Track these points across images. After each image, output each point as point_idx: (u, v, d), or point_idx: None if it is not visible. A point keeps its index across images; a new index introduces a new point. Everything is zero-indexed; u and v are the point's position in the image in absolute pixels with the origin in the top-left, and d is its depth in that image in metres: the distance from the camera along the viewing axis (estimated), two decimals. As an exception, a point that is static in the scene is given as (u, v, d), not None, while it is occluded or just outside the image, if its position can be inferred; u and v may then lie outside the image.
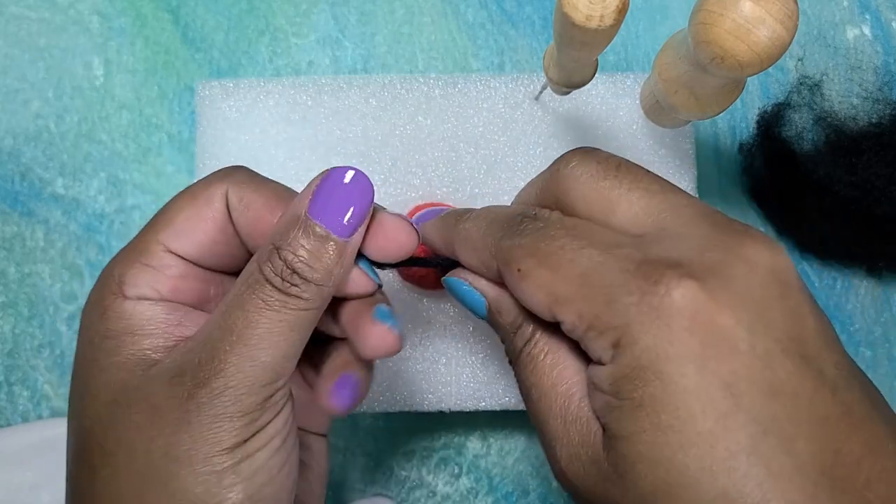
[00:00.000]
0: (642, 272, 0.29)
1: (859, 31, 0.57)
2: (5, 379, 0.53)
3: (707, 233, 0.31)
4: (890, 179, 0.51)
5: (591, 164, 0.34)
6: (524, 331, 0.36)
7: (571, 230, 0.32)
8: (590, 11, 0.33)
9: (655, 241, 0.31)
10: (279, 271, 0.33)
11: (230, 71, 0.56)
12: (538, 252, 0.32)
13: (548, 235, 0.33)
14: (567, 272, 0.31)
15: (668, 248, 0.30)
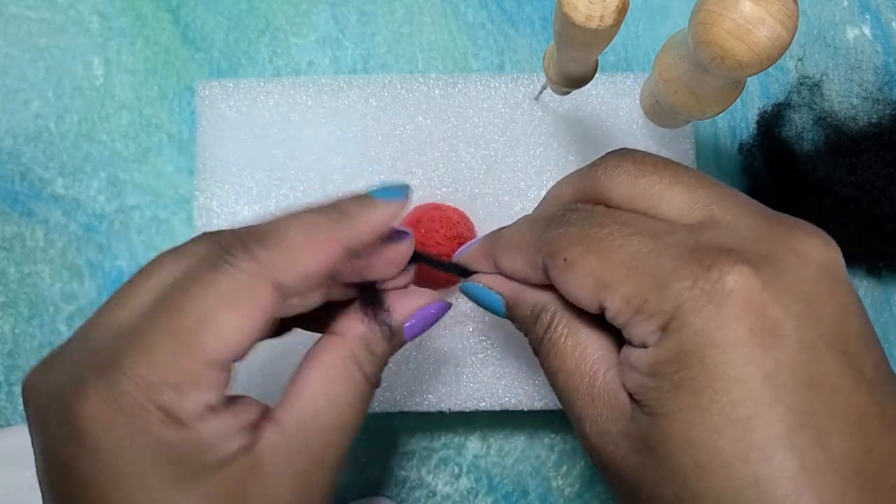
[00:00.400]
0: (696, 257, 0.29)
1: (859, 31, 0.57)
2: (5, 379, 0.53)
3: (759, 223, 0.31)
4: (890, 179, 0.51)
5: (627, 163, 0.35)
6: (543, 318, 0.36)
7: (619, 218, 0.33)
8: (590, 11, 0.33)
9: (707, 229, 0.31)
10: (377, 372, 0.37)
11: (230, 71, 0.56)
12: (586, 239, 0.32)
13: (596, 223, 0.33)
14: (616, 258, 0.31)
15: (720, 236, 0.30)
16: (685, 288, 0.29)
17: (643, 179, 0.33)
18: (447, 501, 0.53)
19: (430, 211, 0.50)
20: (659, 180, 0.33)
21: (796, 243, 0.30)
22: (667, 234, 0.31)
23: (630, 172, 0.34)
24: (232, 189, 0.52)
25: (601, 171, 0.35)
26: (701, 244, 0.30)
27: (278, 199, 0.52)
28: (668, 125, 0.47)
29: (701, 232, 0.31)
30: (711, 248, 0.30)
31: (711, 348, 0.28)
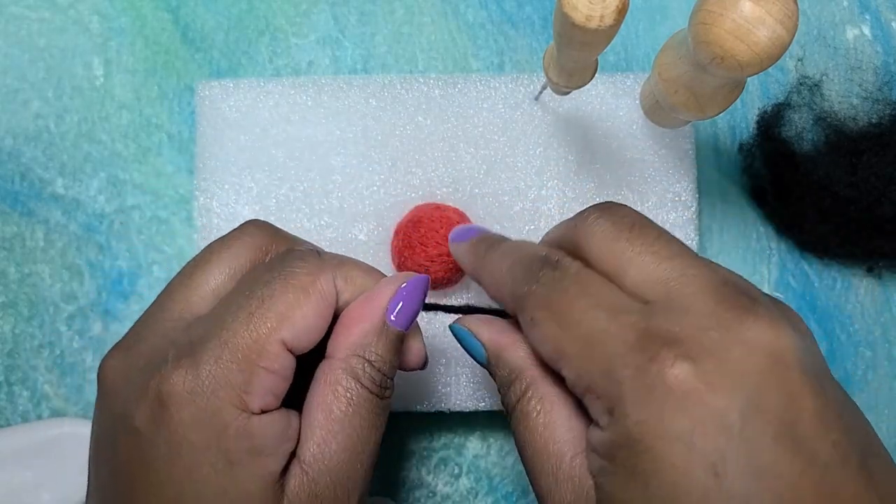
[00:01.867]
0: (641, 345, 0.30)
1: (859, 31, 0.57)
2: (5, 379, 0.53)
3: (710, 309, 0.30)
4: (890, 179, 0.51)
5: (607, 223, 0.35)
6: (517, 387, 0.37)
7: (585, 286, 0.33)
8: (590, 11, 0.33)
9: (660, 311, 0.31)
10: (378, 381, 0.36)
11: (230, 71, 0.56)
12: (550, 305, 0.33)
13: (561, 289, 0.33)
14: (573, 332, 0.32)
15: (669, 321, 0.30)
16: (628, 377, 0.30)
17: (617, 244, 0.34)
18: (447, 502, 0.53)
19: (430, 211, 0.50)
20: (630, 247, 0.33)
21: (744, 331, 0.30)
22: (623, 313, 0.31)
23: (606, 232, 0.34)
24: (232, 189, 0.52)
25: (581, 224, 0.35)
26: (650, 329, 0.30)
27: (278, 199, 0.52)
28: (668, 125, 0.47)
29: (653, 314, 0.31)
30: (658, 336, 0.30)
31: (655, 439, 0.29)
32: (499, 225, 0.52)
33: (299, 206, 0.52)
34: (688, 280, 0.32)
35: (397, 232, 0.51)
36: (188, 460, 0.33)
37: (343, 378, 0.36)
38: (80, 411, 0.53)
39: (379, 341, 0.37)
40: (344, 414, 0.35)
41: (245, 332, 0.34)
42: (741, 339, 0.30)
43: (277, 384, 0.34)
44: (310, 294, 0.36)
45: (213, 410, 0.33)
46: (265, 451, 0.34)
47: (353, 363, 0.36)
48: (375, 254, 0.52)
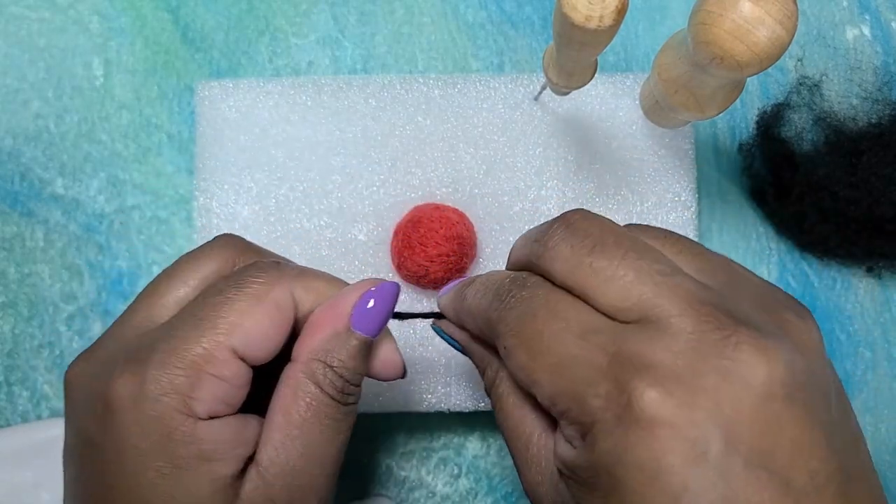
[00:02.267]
0: (612, 372, 0.29)
1: (859, 32, 0.57)
2: (5, 379, 0.53)
3: (688, 332, 0.29)
4: (890, 179, 0.51)
5: (566, 247, 0.33)
6: (489, 373, 0.38)
7: (553, 309, 0.32)
8: (589, 12, 0.33)
9: (633, 331, 0.30)
10: (340, 387, 0.36)
11: (230, 71, 0.56)
12: (521, 332, 0.32)
13: (529, 314, 0.32)
14: (543, 360, 0.31)
15: (642, 343, 0.29)
16: (598, 407, 0.29)
17: (580, 270, 0.32)
18: (447, 502, 0.53)
19: (429, 211, 0.50)
20: (594, 274, 0.31)
21: (722, 359, 0.28)
22: (593, 334, 0.30)
23: (567, 259, 0.32)
24: (232, 189, 0.52)
25: (542, 250, 0.33)
26: (622, 353, 0.29)
27: (278, 199, 0.52)
28: (667, 125, 0.47)
29: (627, 336, 0.30)
30: (629, 361, 0.29)
31: (621, 468, 0.28)
32: (499, 225, 0.52)
33: (299, 206, 0.52)
34: (660, 301, 0.30)
35: (397, 232, 0.51)
36: (134, 466, 0.33)
37: (303, 382, 0.36)
38: (80, 411, 0.53)
39: (342, 347, 0.36)
40: (303, 418, 0.35)
41: (194, 338, 0.34)
42: (718, 367, 0.28)
43: (227, 391, 0.34)
44: (263, 303, 0.35)
45: (157, 416, 0.33)
46: (215, 455, 0.34)
47: (314, 367, 0.36)
48: (375, 254, 0.52)
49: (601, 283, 0.31)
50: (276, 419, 0.35)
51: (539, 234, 0.34)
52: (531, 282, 0.34)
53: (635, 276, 0.30)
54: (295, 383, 0.36)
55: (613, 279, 0.31)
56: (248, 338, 0.35)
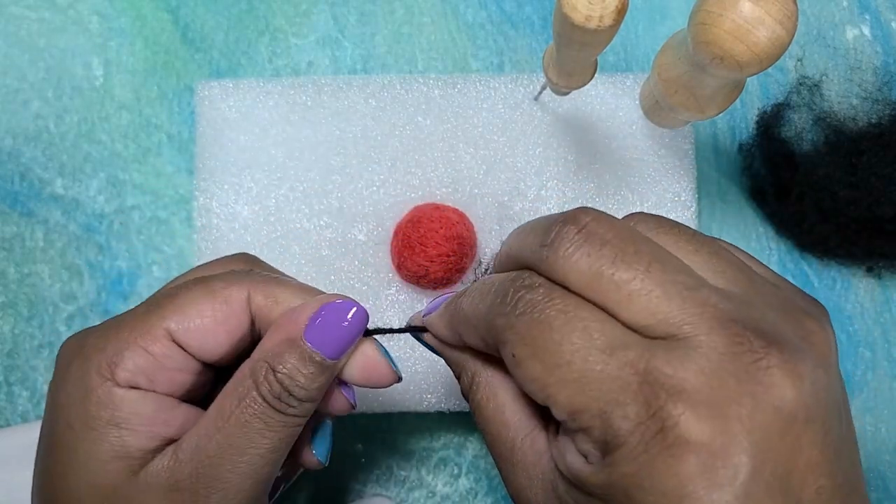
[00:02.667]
0: (643, 393, 0.28)
1: (859, 32, 0.57)
2: (5, 379, 0.53)
3: (720, 352, 0.28)
4: (890, 179, 0.51)
5: (583, 257, 0.30)
6: (464, 380, 0.36)
7: (570, 318, 0.30)
8: (589, 12, 0.33)
9: (663, 350, 0.28)
10: (277, 393, 0.35)
11: (230, 71, 0.56)
12: (533, 340, 0.30)
13: (542, 320, 0.30)
14: (562, 373, 0.29)
15: (673, 364, 0.28)
16: (626, 430, 0.28)
17: (601, 282, 0.30)
18: (447, 501, 0.53)
19: (429, 211, 0.50)
20: (618, 288, 0.30)
21: (755, 383, 0.28)
22: (620, 349, 0.29)
23: (585, 271, 0.30)
24: (232, 189, 0.52)
25: (553, 256, 0.31)
26: (652, 373, 0.28)
27: (278, 199, 0.52)
28: (667, 125, 0.47)
29: (657, 353, 0.28)
30: (661, 384, 0.28)
31: (642, 492, 0.27)
32: (498, 225, 0.52)
33: (299, 206, 0.52)
34: (693, 317, 0.29)
35: (397, 232, 0.51)
36: (54, 418, 0.35)
37: (244, 378, 0.36)
38: (80, 411, 0.53)
39: (290, 355, 0.35)
40: (230, 412, 0.35)
41: (139, 314, 0.36)
42: (751, 392, 0.27)
43: (153, 367, 0.35)
44: (214, 296, 0.36)
45: (82, 375, 0.35)
46: (125, 424, 0.35)
47: (257, 367, 0.35)
48: (375, 254, 0.52)
49: (624, 297, 0.29)
50: (211, 408, 0.36)
51: (545, 236, 0.32)
52: (539, 283, 0.31)
53: (662, 291, 0.29)
54: (237, 378, 0.36)
55: (639, 294, 0.29)
56: (188, 324, 0.36)
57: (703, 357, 0.28)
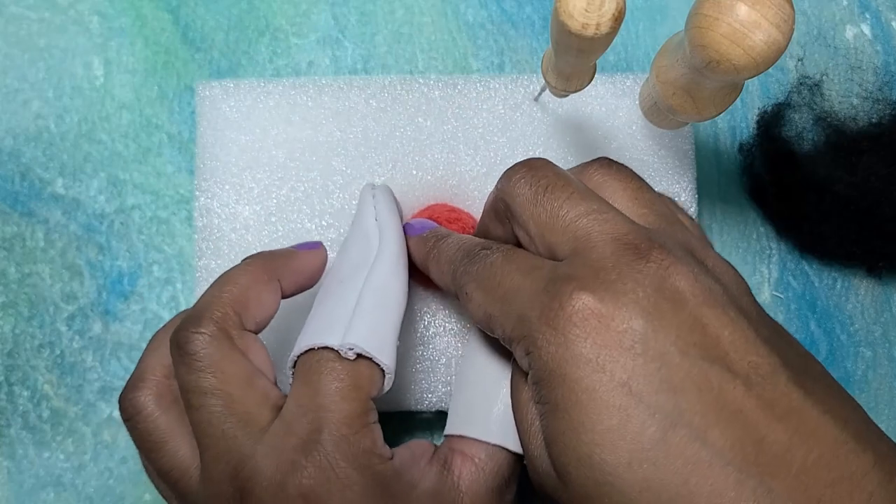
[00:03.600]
0: (546, 290, 0.33)
1: (859, 31, 0.57)
2: (5, 379, 0.53)
3: (608, 253, 0.33)
4: (890, 179, 0.51)
5: (525, 186, 0.38)
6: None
7: (508, 258, 0.37)
8: (586, 19, 0.33)
9: (565, 263, 0.34)
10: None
11: (230, 71, 0.56)
12: (480, 278, 0.38)
13: (489, 263, 0.38)
14: (495, 294, 0.36)
15: (571, 268, 0.33)
16: (535, 316, 0.33)
17: (534, 208, 0.37)
18: (446, 501, 0.53)
19: (445, 213, 0.50)
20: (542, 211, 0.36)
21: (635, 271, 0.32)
22: (536, 270, 0.35)
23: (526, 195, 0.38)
24: (232, 189, 0.52)
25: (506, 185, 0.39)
26: (555, 276, 0.33)
27: (279, 199, 0.52)
28: (666, 126, 0.47)
29: (559, 266, 0.34)
30: (559, 279, 0.33)
31: (566, 366, 0.31)
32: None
33: (300, 206, 0.52)
34: (590, 235, 0.34)
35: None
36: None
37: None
38: (80, 411, 0.53)
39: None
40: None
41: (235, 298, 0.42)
42: (632, 276, 0.32)
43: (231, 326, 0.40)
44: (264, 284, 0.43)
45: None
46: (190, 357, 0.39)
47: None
48: (375, 254, 0.52)
49: (547, 221, 0.36)
50: None
51: (505, 173, 0.40)
52: (497, 247, 0.39)
53: (573, 216, 0.35)
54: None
55: (555, 220, 0.36)
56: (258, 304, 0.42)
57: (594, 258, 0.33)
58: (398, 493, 0.37)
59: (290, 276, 0.44)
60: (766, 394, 0.30)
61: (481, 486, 0.39)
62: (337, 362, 0.37)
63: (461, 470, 0.40)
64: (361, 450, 0.36)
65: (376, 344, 0.39)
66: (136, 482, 0.53)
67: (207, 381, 0.37)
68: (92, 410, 0.53)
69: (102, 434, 0.53)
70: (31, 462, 0.53)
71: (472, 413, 0.42)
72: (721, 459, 0.29)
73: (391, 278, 0.43)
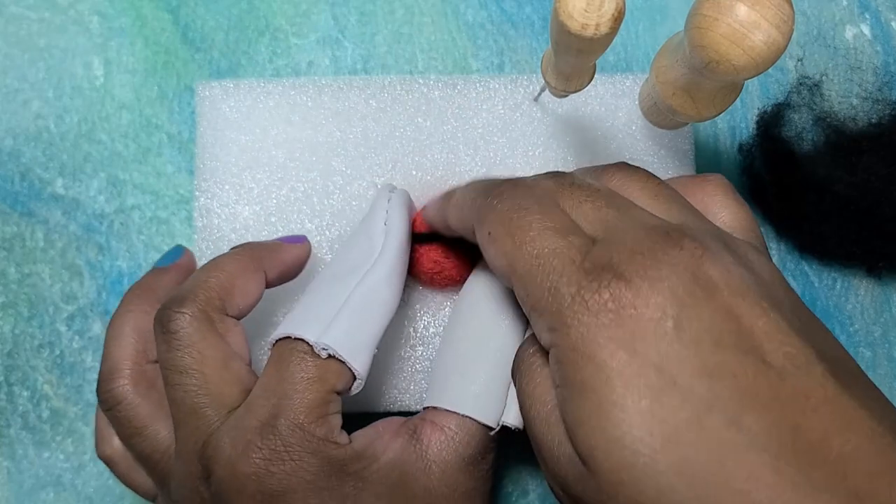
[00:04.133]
0: (584, 268, 0.32)
1: (859, 31, 0.57)
2: (5, 379, 0.53)
3: (640, 240, 0.33)
4: (890, 179, 0.51)
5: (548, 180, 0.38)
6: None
7: (544, 208, 0.35)
8: (585, 20, 0.33)
9: (603, 244, 0.33)
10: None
11: (230, 71, 0.56)
12: (509, 222, 0.35)
13: (521, 206, 0.36)
14: (527, 250, 0.34)
15: (608, 250, 0.32)
16: (570, 294, 0.32)
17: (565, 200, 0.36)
18: (446, 501, 0.53)
19: None
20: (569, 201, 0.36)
21: (670, 258, 0.32)
22: (574, 235, 0.34)
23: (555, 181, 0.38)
24: (232, 189, 0.52)
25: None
26: (591, 255, 0.32)
27: (279, 199, 0.52)
28: (666, 126, 0.47)
29: (598, 245, 0.33)
30: (598, 260, 0.32)
31: (596, 347, 0.30)
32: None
33: (300, 206, 0.52)
34: (624, 220, 0.34)
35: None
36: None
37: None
38: (80, 411, 0.53)
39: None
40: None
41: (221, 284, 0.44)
42: (668, 263, 0.31)
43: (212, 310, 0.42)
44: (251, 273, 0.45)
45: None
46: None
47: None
48: (375, 254, 0.52)
49: (576, 206, 0.36)
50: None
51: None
52: (525, 180, 0.38)
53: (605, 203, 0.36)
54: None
55: (585, 205, 0.36)
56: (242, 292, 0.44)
57: (628, 243, 0.33)
58: (356, 471, 0.39)
59: (276, 268, 0.46)
60: (800, 384, 0.29)
61: (451, 455, 0.40)
62: (309, 355, 0.39)
63: (430, 439, 0.40)
64: (316, 437, 0.38)
65: (351, 348, 0.40)
66: (135, 482, 0.53)
67: (184, 360, 0.40)
68: (92, 410, 0.53)
69: (102, 434, 0.53)
70: (31, 462, 0.53)
71: (446, 385, 0.43)
72: (757, 445, 0.28)
73: (383, 286, 0.43)
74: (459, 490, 0.41)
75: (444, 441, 0.41)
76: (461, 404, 0.41)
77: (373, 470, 0.39)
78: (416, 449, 0.40)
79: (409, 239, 0.46)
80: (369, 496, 0.39)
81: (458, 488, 0.41)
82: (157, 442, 0.42)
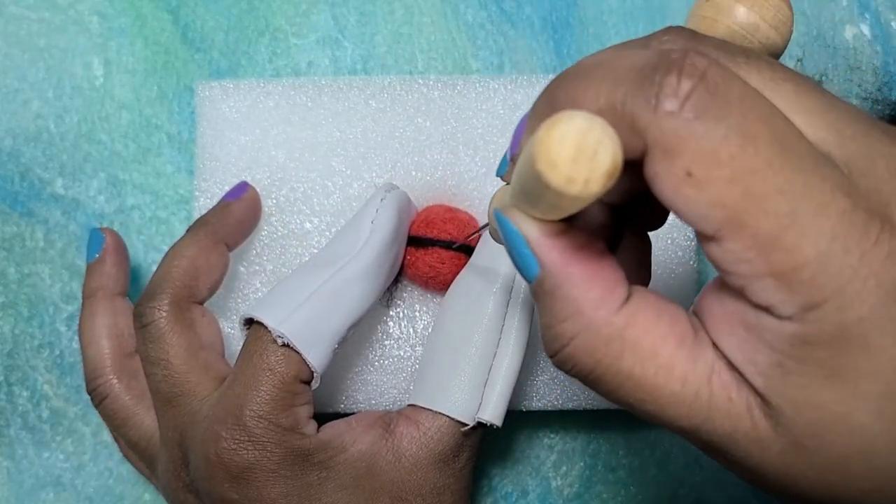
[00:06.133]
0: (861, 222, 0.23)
1: (858, 31, 0.57)
2: (5, 379, 0.53)
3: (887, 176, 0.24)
4: (890, 180, 0.51)
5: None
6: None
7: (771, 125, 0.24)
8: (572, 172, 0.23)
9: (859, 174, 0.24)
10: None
11: (230, 71, 0.56)
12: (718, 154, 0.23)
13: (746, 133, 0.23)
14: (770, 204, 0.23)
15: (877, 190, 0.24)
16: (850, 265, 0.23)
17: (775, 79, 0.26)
18: (446, 501, 0.53)
19: (441, 212, 0.50)
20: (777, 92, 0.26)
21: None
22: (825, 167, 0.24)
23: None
24: (232, 189, 0.52)
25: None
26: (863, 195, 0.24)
27: (279, 199, 0.52)
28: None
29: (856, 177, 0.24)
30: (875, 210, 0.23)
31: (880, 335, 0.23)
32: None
33: (300, 206, 0.52)
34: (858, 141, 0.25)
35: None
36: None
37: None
38: (80, 411, 0.53)
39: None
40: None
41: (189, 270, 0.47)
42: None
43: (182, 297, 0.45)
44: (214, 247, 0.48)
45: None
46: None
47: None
48: (375, 254, 0.52)
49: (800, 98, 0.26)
50: None
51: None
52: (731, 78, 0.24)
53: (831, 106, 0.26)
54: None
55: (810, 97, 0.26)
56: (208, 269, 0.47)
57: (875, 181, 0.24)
58: (321, 461, 0.40)
59: (233, 233, 0.49)
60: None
61: (422, 450, 0.42)
62: (271, 343, 0.41)
63: (403, 433, 0.42)
64: (281, 428, 0.39)
65: (308, 340, 0.41)
66: (135, 482, 0.53)
67: (154, 352, 0.43)
68: (91, 410, 0.53)
69: (102, 434, 0.53)
70: (31, 462, 0.53)
71: (424, 383, 0.44)
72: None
73: (355, 283, 0.43)
74: (429, 485, 0.42)
75: (416, 436, 0.42)
76: (434, 401, 0.42)
77: (339, 461, 0.41)
78: (387, 442, 0.42)
79: (397, 240, 0.47)
80: (333, 485, 0.41)
81: (428, 484, 0.42)
82: (142, 430, 0.45)
